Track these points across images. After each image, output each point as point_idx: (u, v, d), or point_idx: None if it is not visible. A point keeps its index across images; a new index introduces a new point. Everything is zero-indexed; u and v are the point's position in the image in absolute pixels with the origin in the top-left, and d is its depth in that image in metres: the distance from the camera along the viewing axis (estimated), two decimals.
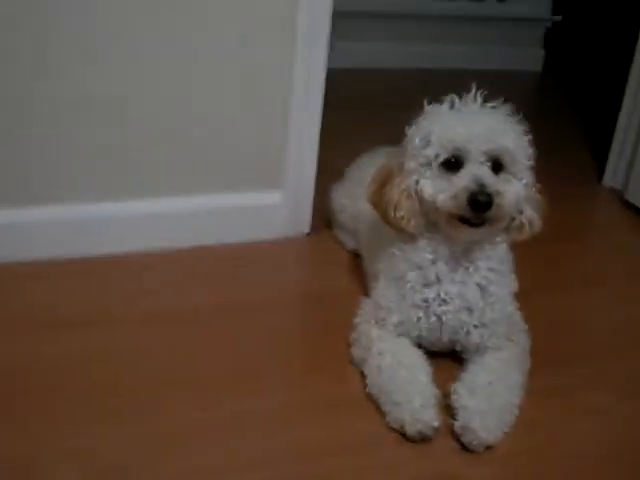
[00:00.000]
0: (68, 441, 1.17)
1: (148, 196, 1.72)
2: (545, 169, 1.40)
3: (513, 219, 1.34)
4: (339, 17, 2.64)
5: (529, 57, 3.91)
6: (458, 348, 1.41)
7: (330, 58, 1.81)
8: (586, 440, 1.31)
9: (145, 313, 1.53)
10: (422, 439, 1.23)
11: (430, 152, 1.28)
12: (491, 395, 1.27)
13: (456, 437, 1.25)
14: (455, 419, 1.26)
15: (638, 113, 2.32)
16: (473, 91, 1.31)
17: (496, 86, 1.30)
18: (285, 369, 1.42)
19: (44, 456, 1.14)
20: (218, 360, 1.41)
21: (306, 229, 1.90)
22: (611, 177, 2.44)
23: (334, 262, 1.79)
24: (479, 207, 1.23)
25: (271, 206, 1.83)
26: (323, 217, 1.92)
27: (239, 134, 1.74)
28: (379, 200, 1.34)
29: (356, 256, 1.76)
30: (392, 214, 1.31)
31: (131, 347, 1.43)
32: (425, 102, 1.34)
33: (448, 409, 1.29)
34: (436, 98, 1.33)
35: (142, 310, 1.54)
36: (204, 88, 1.67)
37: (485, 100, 1.31)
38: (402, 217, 1.31)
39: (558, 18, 3.89)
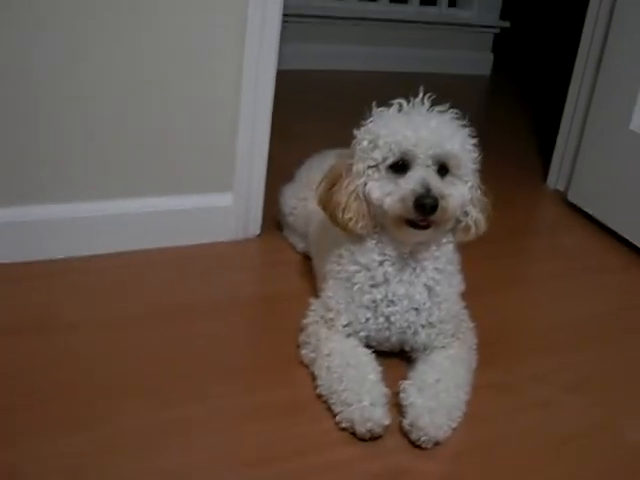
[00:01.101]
0: (29, 447, 1.16)
1: (97, 198, 1.70)
2: (492, 171, 1.44)
3: (459, 221, 1.37)
4: (290, 18, 2.66)
5: (478, 61, 3.99)
6: (406, 348, 1.43)
7: (281, 60, 1.82)
8: (532, 434, 1.34)
9: (95, 317, 1.52)
10: (372, 437, 1.25)
11: (378, 155, 1.30)
12: (439, 392, 1.30)
13: (405, 434, 1.27)
14: (404, 417, 1.28)
15: (579, 116, 2.39)
16: (421, 95, 1.33)
17: (445, 89, 1.33)
18: (234, 372, 1.42)
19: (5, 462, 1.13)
20: (168, 364, 1.40)
21: (257, 231, 1.90)
22: (555, 179, 2.50)
23: (284, 264, 1.80)
24: (425, 210, 1.25)
25: (222, 208, 1.83)
26: (273, 219, 1.93)
27: (189, 136, 1.74)
28: (328, 201, 1.36)
29: (306, 258, 1.77)
30: (340, 215, 1.33)
31: (82, 352, 1.41)
32: (374, 105, 1.36)
33: (398, 407, 1.31)
34: (385, 101, 1.35)
35: (92, 314, 1.53)
36: (153, 90, 1.67)
37: (433, 104, 1.33)
38: (350, 218, 1.32)
39: (506, 24, 3.97)
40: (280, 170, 1.89)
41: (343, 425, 1.27)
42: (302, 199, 1.73)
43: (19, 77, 1.53)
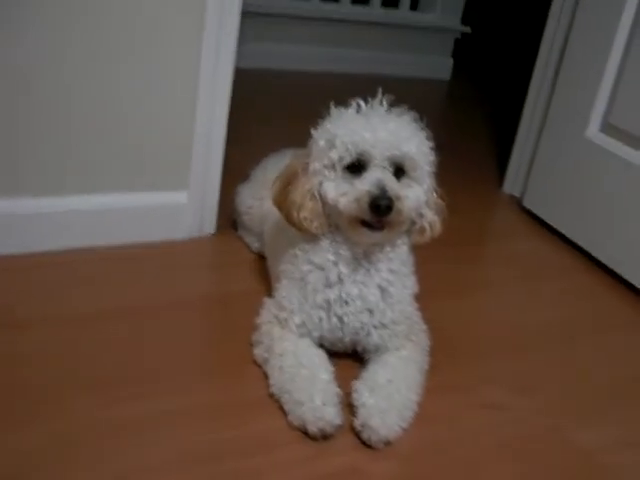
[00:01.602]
0: None
1: (50, 194, 1.67)
2: (448, 175, 1.45)
3: (414, 223, 1.37)
4: (249, 17, 2.65)
5: (438, 65, 4.01)
6: (359, 348, 1.44)
7: (239, 58, 1.81)
8: (484, 434, 1.36)
9: (47, 315, 1.49)
10: (324, 437, 1.25)
11: (334, 155, 1.30)
12: (390, 393, 1.30)
13: (357, 434, 1.27)
14: (356, 417, 1.28)
15: (536, 123, 2.42)
16: (379, 96, 1.34)
17: (405, 92, 1.34)
18: (187, 370, 1.41)
19: None
20: (120, 362, 1.39)
21: (212, 230, 1.89)
22: (511, 184, 2.53)
23: (239, 263, 1.79)
24: (380, 211, 1.25)
25: (177, 206, 1.81)
26: (229, 218, 1.92)
27: (145, 133, 1.72)
28: (283, 200, 1.35)
29: (261, 258, 1.77)
30: (295, 215, 1.32)
31: (33, 349, 1.39)
32: (332, 105, 1.36)
33: (350, 407, 1.31)
34: (344, 102, 1.35)
35: (44, 312, 1.50)
36: (109, 87, 1.64)
37: (391, 105, 1.34)
38: (305, 218, 1.32)
39: (467, 29, 4.01)
40: (236, 169, 1.89)
41: (295, 424, 1.27)
42: (258, 199, 1.73)
43: None
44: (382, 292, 1.38)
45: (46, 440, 1.18)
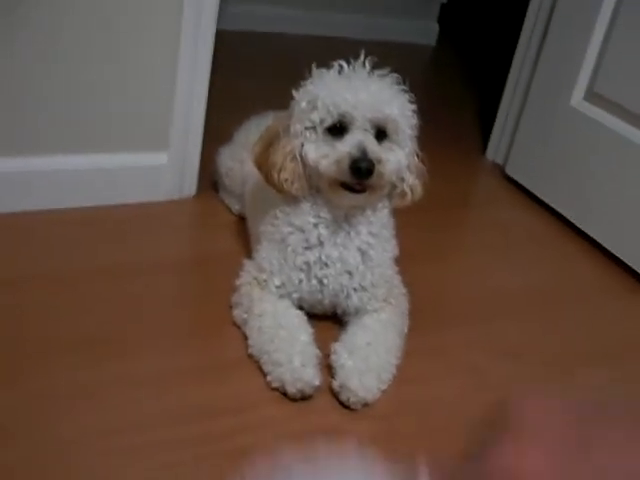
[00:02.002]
0: None
1: (30, 154, 1.65)
2: (430, 140, 1.44)
3: (395, 186, 1.37)
4: None
5: (424, 31, 3.98)
6: (339, 311, 1.44)
7: (222, 20, 1.79)
8: (463, 397, 1.37)
9: (26, 275, 1.48)
10: (302, 398, 1.26)
11: (316, 117, 1.29)
12: (369, 355, 1.31)
13: (335, 395, 1.28)
14: (334, 378, 1.29)
15: (521, 91, 2.41)
16: (362, 58, 1.32)
17: (389, 56, 1.32)
18: (167, 332, 1.41)
19: None
20: (100, 323, 1.39)
21: (192, 192, 1.88)
22: (493, 151, 2.52)
23: (219, 225, 1.79)
24: (360, 174, 1.25)
25: (157, 167, 1.79)
26: (210, 180, 1.91)
27: (125, 93, 1.69)
28: (264, 162, 1.35)
29: (242, 220, 1.76)
30: (276, 176, 1.32)
31: (13, 310, 1.38)
32: (313, 66, 1.34)
33: (328, 369, 1.32)
34: (327, 64, 1.34)
35: (23, 272, 1.49)
36: (88, 45, 1.61)
37: (374, 68, 1.32)
38: (286, 179, 1.31)
39: None
40: (218, 131, 1.87)
41: (274, 385, 1.27)
42: (239, 161, 1.71)
43: None
44: (362, 255, 1.38)
45: (29, 398, 1.18)
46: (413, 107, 1.34)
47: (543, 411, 0.40)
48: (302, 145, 1.31)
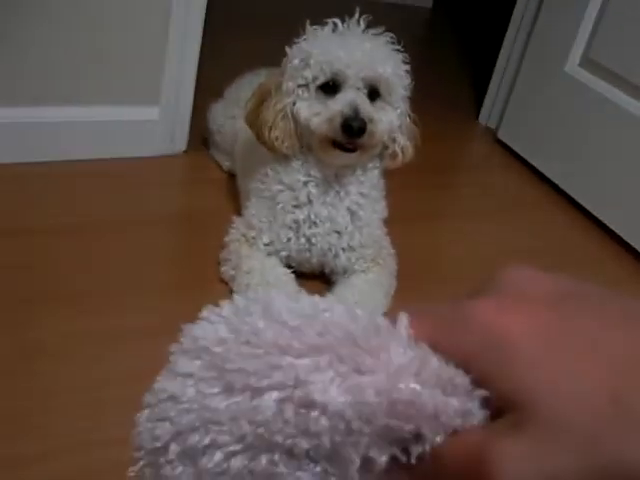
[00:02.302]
0: None
1: (20, 104, 1.63)
2: (423, 102, 1.43)
3: (386, 147, 1.37)
4: None
5: None
6: (327, 270, 1.44)
7: None
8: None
9: (14, 227, 1.47)
10: None
11: (308, 74, 1.28)
12: None
13: None
14: None
15: (516, 55, 2.39)
16: (356, 16, 1.31)
17: (384, 16, 1.31)
18: (154, 287, 1.41)
19: None
20: (87, 277, 1.38)
21: (182, 147, 1.86)
22: (487, 116, 2.51)
23: (209, 181, 1.78)
24: (352, 132, 1.24)
25: (147, 122, 1.77)
26: (200, 136, 1.89)
27: (117, 46, 1.67)
28: (255, 119, 1.34)
29: (232, 177, 1.75)
30: (266, 134, 1.31)
31: (3, 261, 1.38)
32: (307, 24, 1.33)
33: None
34: (320, 22, 1.32)
35: (13, 224, 1.48)
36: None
37: (368, 27, 1.31)
38: (276, 137, 1.31)
39: None
40: (210, 87, 1.85)
41: None
42: (231, 117, 1.70)
43: None
44: (351, 215, 1.38)
45: (16, 348, 1.18)
46: (407, 67, 1.33)
47: (533, 278, 0.38)
48: (294, 103, 1.30)
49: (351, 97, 1.26)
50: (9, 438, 1.03)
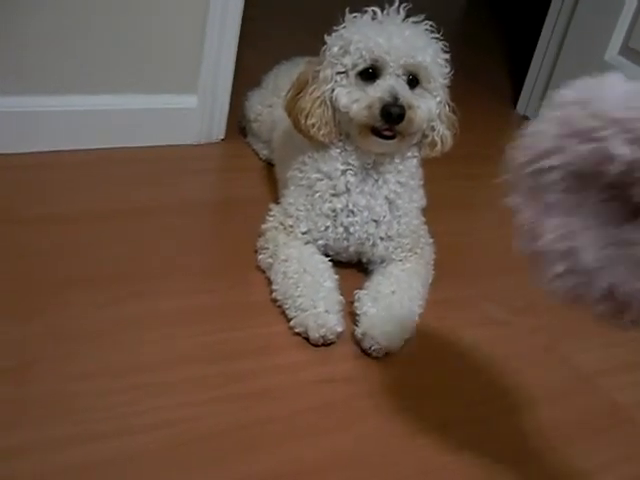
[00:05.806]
0: None
1: (61, 93, 1.64)
2: (461, 91, 1.42)
3: (425, 135, 1.36)
4: None
5: None
6: (364, 259, 1.44)
7: None
8: (482, 349, 1.37)
9: (52, 213, 1.49)
10: (325, 343, 1.27)
11: (348, 61, 1.28)
12: (392, 304, 1.31)
13: (357, 343, 1.29)
14: (357, 325, 1.29)
15: (555, 44, 2.36)
16: (396, 4, 1.30)
17: (423, 3, 1.30)
18: (190, 273, 1.42)
19: None
20: (122, 261, 1.39)
21: (221, 135, 1.87)
22: (525, 105, 2.48)
23: (246, 169, 1.78)
24: (391, 119, 1.24)
25: (186, 110, 1.78)
26: (238, 124, 1.90)
27: (156, 34, 1.68)
28: (292, 107, 1.34)
29: (269, 165, 1.76)
30: (303, 121, 1.31)
31: (36, 246, 1.39)
32: (347, 12, 1.33)
33: (352, 316, 1.33)
34: (360, 9, 1.32)
35: (49, 209, 1.50)
36: None
37: (408, 15, 1.31)
38: (313, 125, 1.30)
39: None
40: (248, 75, 1.85)
41: (297, 330, 1.28)
42: (268, 106, 1.70)
43: None
44: (389, 204, 1.37)
45: (46, 334, 1.19)
46: (446, 56, 1.33)
47: None
48: (333, 90, 1.30)
49: (390, 83, 1.25)
50: (49, 421, 1.04)
